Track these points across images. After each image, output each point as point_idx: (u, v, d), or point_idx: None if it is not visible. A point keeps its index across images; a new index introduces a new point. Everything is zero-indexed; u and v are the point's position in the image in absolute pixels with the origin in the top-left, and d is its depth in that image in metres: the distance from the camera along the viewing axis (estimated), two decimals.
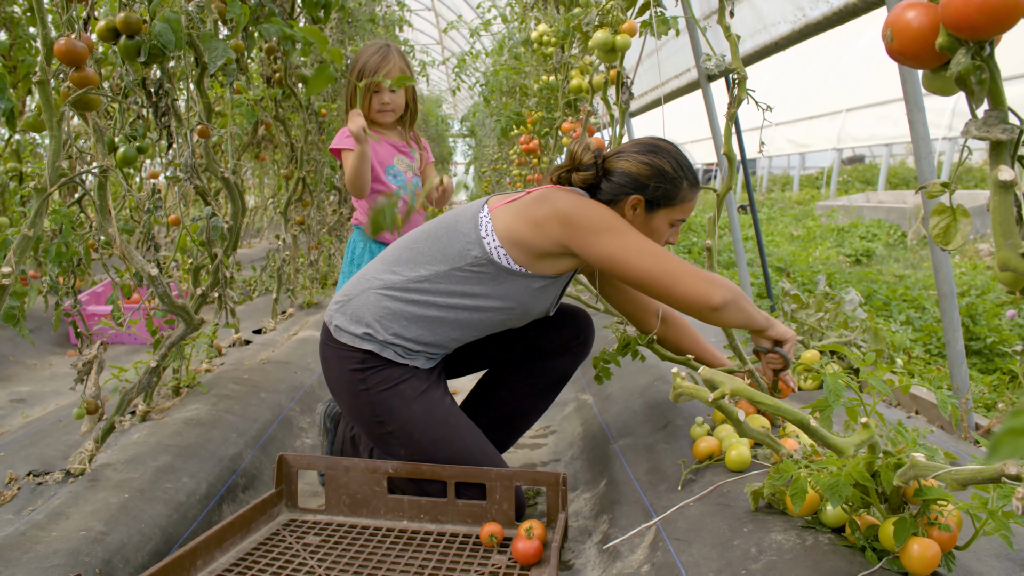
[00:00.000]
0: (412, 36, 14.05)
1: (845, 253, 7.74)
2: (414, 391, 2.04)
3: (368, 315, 2.03)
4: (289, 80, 4.00)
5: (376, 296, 2.04)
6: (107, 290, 5.09)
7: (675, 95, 5.00)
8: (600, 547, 1.94)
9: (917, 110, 2.24)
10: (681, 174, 2.00)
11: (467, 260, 1.99)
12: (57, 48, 1.80)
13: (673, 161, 2.00)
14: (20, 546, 1.72)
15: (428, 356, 2.09)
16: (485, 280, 2.00)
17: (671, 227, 2.07)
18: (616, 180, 2.01)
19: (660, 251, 1.92)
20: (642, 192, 1.99)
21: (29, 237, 1.71)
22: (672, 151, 2.03)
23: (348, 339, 2.03)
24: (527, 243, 1.95)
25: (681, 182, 2.00)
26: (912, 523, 1.35)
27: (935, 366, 3.14)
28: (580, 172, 2.04)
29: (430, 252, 2.04)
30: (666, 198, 2.00)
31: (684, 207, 2.04)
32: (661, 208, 2.01)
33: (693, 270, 1.92)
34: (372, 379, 2.03)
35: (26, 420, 3.12)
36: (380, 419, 2.04)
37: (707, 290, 1.90)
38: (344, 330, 2.04)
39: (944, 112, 10.92)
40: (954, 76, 0.89)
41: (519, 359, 2.39)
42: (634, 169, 1.99)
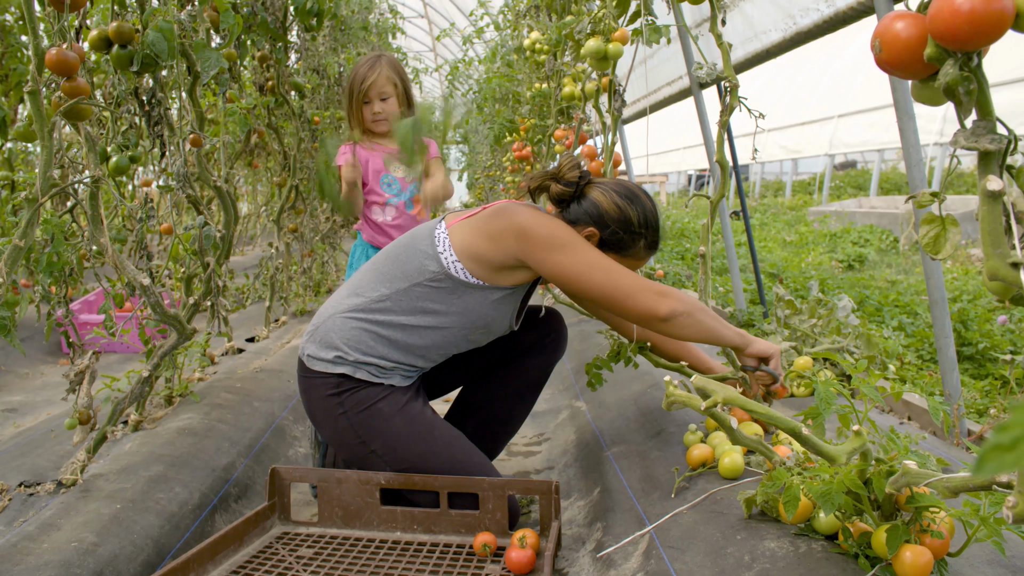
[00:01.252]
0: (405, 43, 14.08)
1: (837, 259, 7.77)
2: (392, 408, 2.04)
3: (336, 338, 2.05)
4: (282, 88, 4.00)
5: (341, 320, 2.06)
6: (99, 299, 5.07)
7: (667, 102, 5.02)
8: (594, 555, 1.94)
9: (907, 118, 2.25)
10: (643, 232, 2.04)
11: (425, 276, 2.01)
12: (48, 58, 1.80)
13: (642, 216, 2.03)
14: (11, 557, 1.71)
15: (403, 374, 2.10)
16: (444, 294, 2.02)
17: None
18: (584, 206, 2.04)
19: (613, 266, 1.94)
20: (600, 229, 2.02)
21: (20, 247, 1.71)
22: (647, 207, 2.05)
23: (321, 365, 2.05)
24: (484, 256, 1.97)
25: (639, 240, 2.04)
26: (905, 530, 1.35)
27: (927, 372, 3.15)
28: (559, 184, 2.06)
29: (390, 271, 2.07)
30: (619, 246, 2.04)
31: (632, 262, 2.08)
32: (610, 252, 2.04)
33: (644, 284, 1.94)
34: (349, 401, 2.03)
35: (17, 430, 3.10)
36: (363, 440, 2.05)
37: (655, 301, 1.92)
38: (316, 357, 2.07)
39: (935, 119, 10.97)
40: (942, 87, 0.90)
41: (494, 364, 2.40)
42: (604, 204, 2.02)
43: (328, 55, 5.54)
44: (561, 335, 2.43)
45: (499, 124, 5.09)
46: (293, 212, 4.95)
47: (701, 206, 14.59)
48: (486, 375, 2.42)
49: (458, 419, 2.42)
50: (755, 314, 3.87)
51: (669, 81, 4.72)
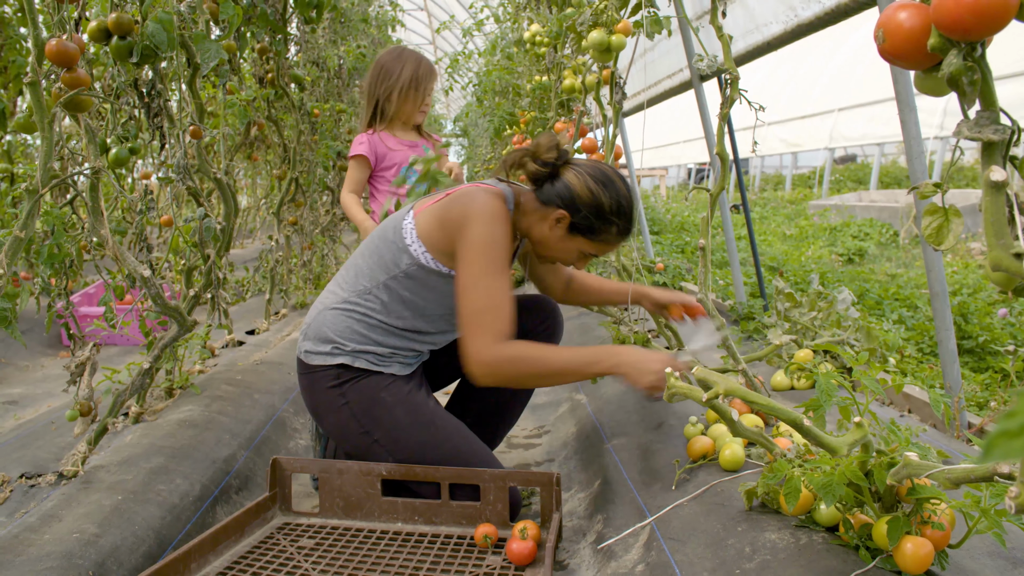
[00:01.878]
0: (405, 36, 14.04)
1: (837, 252, 7.76)
2: (395, 398, 2.05)
3: (329, 331, 2.07)
4: (282, 80, 3.99)
5: (332, 313, 2.09)
6: (99, 291, 5.07)
7: (667, 95, 5.01)
8: (595, 547, 1.94)
9: (909, 110, 2.24)
10: (615, 219, 2.01)
11: (400, 268, 2.03)
12: (48, 49, 1.79)
13: (615, 203, 2.00)
14: (13, 548, 1.71)
15: (402, 361, 2.11)
16: (419, 284, 2.03)
17: (582, 256, 2.10)
18: (557, 188, 2.02)
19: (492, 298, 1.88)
20: (572, 213, 2.00)
21: (21, 239, 1.71)
22: (621, 193, 2.02)
23: (319, 359, 2.07)
24: (437, 244, 1.99)
25: (611, 226, 2.02)
26: (906, 522, 1.35)
27: (927, 365, 3.16)
28: (535, 164, 2.04)
29: (368, 265, 2.09)
30: (589, 231, 2.02)
31: (601, 247, 2.06)
32: (581, 236, 2.03)
33: (497, 330, 1.88)
34: (351, 392, 2.05)
35: (18, 422, 3.10)
36: (365, 429, 2.05)
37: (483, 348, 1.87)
38: (313, 352, 2.09)
39: (935, 112, 10.96)
40: (946, 77, 0.90)
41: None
42: (577, 188, 1.99)
43: (328, 47, 5.53)
44: (557, 322, 2.43)
45: (499, 117, 5.09)
46: (293, 205, 4.94)
47: (701, 199, 14.59)
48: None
49: (458, 411, 2.42)
50: (755, 307, 3.86)
51: (669, 74, 4.71)
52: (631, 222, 2.05)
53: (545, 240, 2.08)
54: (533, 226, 2.09)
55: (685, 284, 5.05)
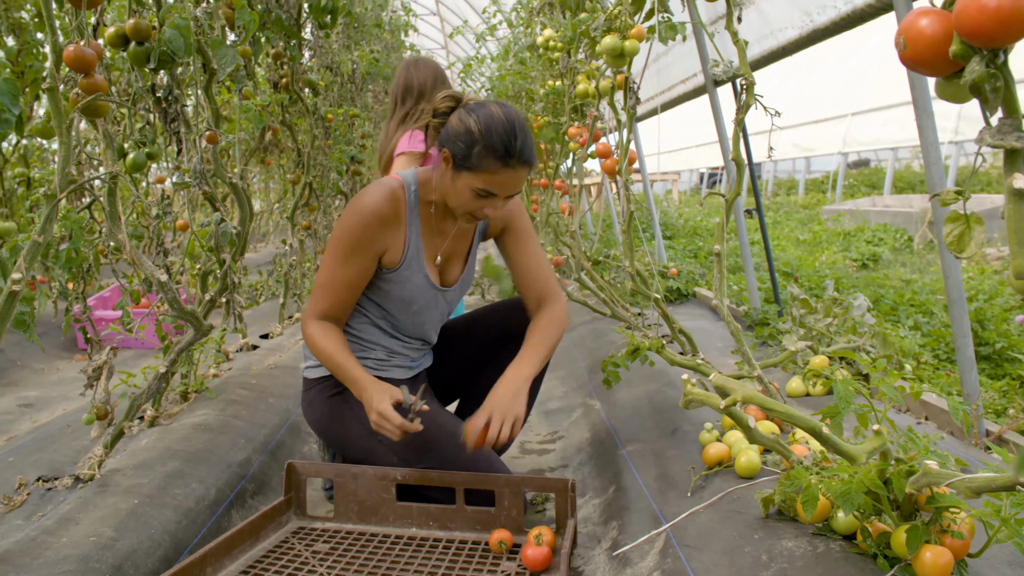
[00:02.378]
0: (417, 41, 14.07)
1: (851, 257, 7.72)
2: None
3: None
4: (296, 85, 4.01)
5: None
6: (114, 295, 5.10)
7: (681, 100, 5.00)
8: (610, 553, 1.93)
9: (926, 116, 2.23)
10: (484, 137, 1.85)
11: None
12: (66, 55, 1.80)
13: (484, 125, 1.86)
14: (31, 552, 1.72)
15: (400, 365, 2.21)
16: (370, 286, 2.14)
17: (477, 197, 1.93)
18: (444, 130, 1.97)
19: (328, 279, 2.06)
20: (449, 147, 1.92)
21: (39, 243, 1.71)
22: (493, 114, 1.88)
23: (319, 372, 2.19)
24: None
25: (478, 146, 1.86)
26: (925, 530, 1.34)
27: (944, 371, 3.13)
28: (434, 119, 2.02)
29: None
30: (464, 160, 1.89)
31: (487, 178, 1.89)
32: (464, 170, 1.91)
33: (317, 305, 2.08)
34: (354, 397, 2.07)
35: (34, 425, 3.12)
36: (370, 431, 2.07)
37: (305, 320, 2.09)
38: (313, 367, 2.21)
39: (950, 116, 10.89)
40: (968, 84, 0.89)
41: (491, 355, 2.42)
42: (452, 121, 1.93)
43: (341, 52, 5.54)
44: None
45: None
46: (307, 209, 4.95)
47: (713, 204, 14.55)
48: (486, 368, 2.42)
49: (466, 414, 2.42)
50: (770, 312, 3.85)
51: (683, 79, 4.70)
52: (508, 145, 1.86)
53: (442, 187, 2.03)
54: (438, 184, 2.06)
55: (699, 289, 5.04)
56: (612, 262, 4.07)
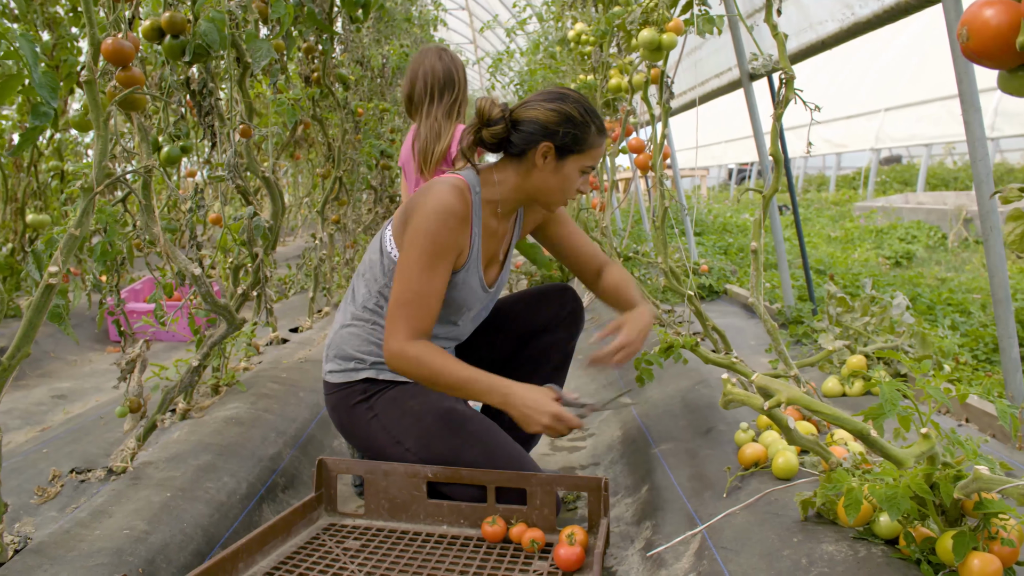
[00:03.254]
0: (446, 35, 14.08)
1: (884, 255, 7.61)
2: (423, 405, 2.08)
3: (348, 348, 2.14)
4: (327, 79, 4.01)
5: (346, 331, 2.16)
6: (146, 287, 5.14)
7: (714, 95, 4.94)
8: (643, 554, 1.91)
9: (973, 111, 2.17)
10: (588, 119, 2.00)
11: (388, 275, 2.10)
12: (104, 48, 1.80)
13: (580, 107, 2.00)
14: (65, 544, 1.73)
15: None
16: None
17: (581, 174, 2.07)
18: (525, 129, 2.00)
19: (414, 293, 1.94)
20: (552, 139, 1.98)
21: (76, 236, 1.72)
22: (578, 98, 2.03)
23: (342, 377, 2.13)
24: (400, 235, 2.04)
25: (589, 127, 2.00)
26: (972, 537, 1.31)
27: (984, 372, 3.07)
28: (490, 128, 2.02)
29: (365, 279, 2.17)
30: (576, 143, 2.00)
31: (593, 153, 2.04)
32: (571, 155, 2.01)
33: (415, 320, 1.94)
34: (379, 404, 2.08)
35: (67, 416, 3.15)
36: (396, 439, 2.07)
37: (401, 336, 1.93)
38: (337, 371, 2.15)
39: (987, 112, 10.70)
40: None
41: (513, 352, 2.41)
42: (542, 117, 1.99)
43: (372, 47, 5.55)
44: (576, 310, 2.40)
45: None
46: (336, 203, 4.96)
47: (743, 201, 14.42)
48: (511, 363, 2.40)
49: (492, 412, 2.40)
50: (804, 310, 3.79)
51: (717, 73, 4.64)
52: (600, 119, 2.06)
53: (544, 183, 2.05)
54: (524, 183, 2.07)
55: (730, 286, 4.98)
56: (642, 258, 4.03)
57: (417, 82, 3.08)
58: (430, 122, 3.04)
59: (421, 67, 3.08)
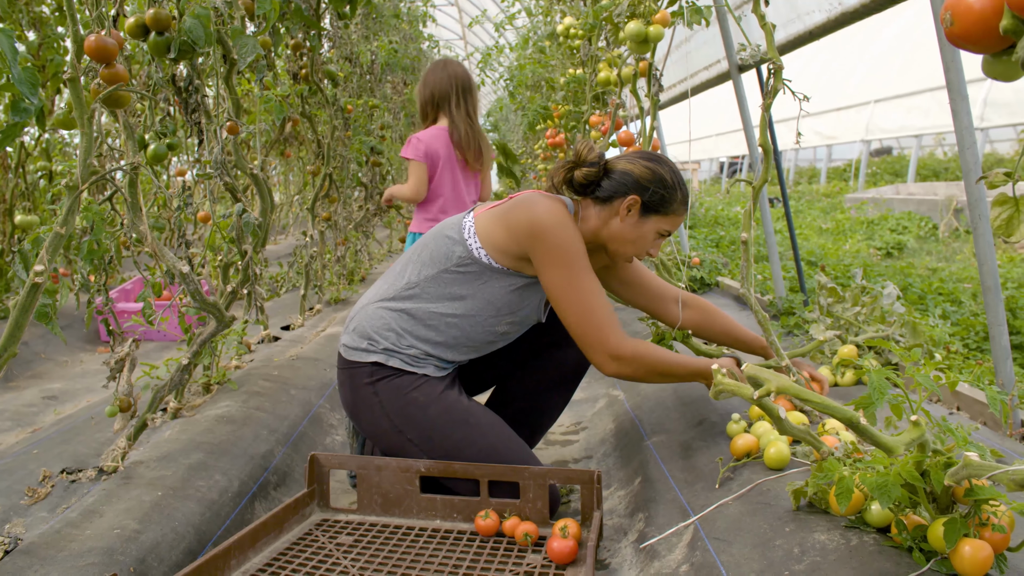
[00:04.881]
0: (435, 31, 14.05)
1: (875, 246, 7.64)
2: (428, 397, 2.05)
3: (368, 328, 2.10)
4: (315, 76, 3.99)
5: (373, 309, 2.12)
6: (137, 287, 5.12)
7: (704, 87, 4.94)
8: (636, 546, 1.91)
9: (961, 99, 2.18)
10: (677, 186, 2.06)
11: (452, 261, 2.05)
12: (87, 45, 1.79)
13: (672, 174, 2.06)
14: (55, 544, 1.72)
15: (437, 366, 2.11)
16: (470, 279, 2.05)
17: (658, 237, 2.11)
18: (617, 179, 2.05)
19: (597, 300, 1.98)
20: (641, 194, 2.03)
21: (61, 235, 1.71)
22: (672, 165, 2.09)
23: (356, 355, 2.09)
24: (502, 246, 2.01)
25: (676, 193, 2.06)
26: (963, 524, 1.31)
27: (974, 361, 3.08)
28: (583, 168, 2.06)
29: (419, 259, 2.12)
30: (662, 204, 2.05)
31: (674, 219, 2.09)
32: (654, 215, 2.06)
33: (614, 324, 1.99)
34: (384, 391, 2.05)
35: (58, 417, 3.14)
36: (399, 429, 2.06)
37: (618, 342, 1.98)
38: (350, 347, 2.12)
39: (976, 102, 10.75)
40: (1021, 60, 0.85)
41: (529, 356, 2.39)
42: (636, 171, 2.04)
43: (360, 43, 5.53)
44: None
45: (533, 111, 5.04)
46: (327, 201, 4.95)
47: (735, 194, 14.44)
48: (523, 366, 2.39)
49: (497, 409, 2.40)
50: (795, 302, 3.80)
51: (706, 65, 4.64)
52: (687, 190, 2.11)
53: (621, 234, 2.07)
54: (602, 229, 2.09)
55: (722, 279, 4.99)
56: None
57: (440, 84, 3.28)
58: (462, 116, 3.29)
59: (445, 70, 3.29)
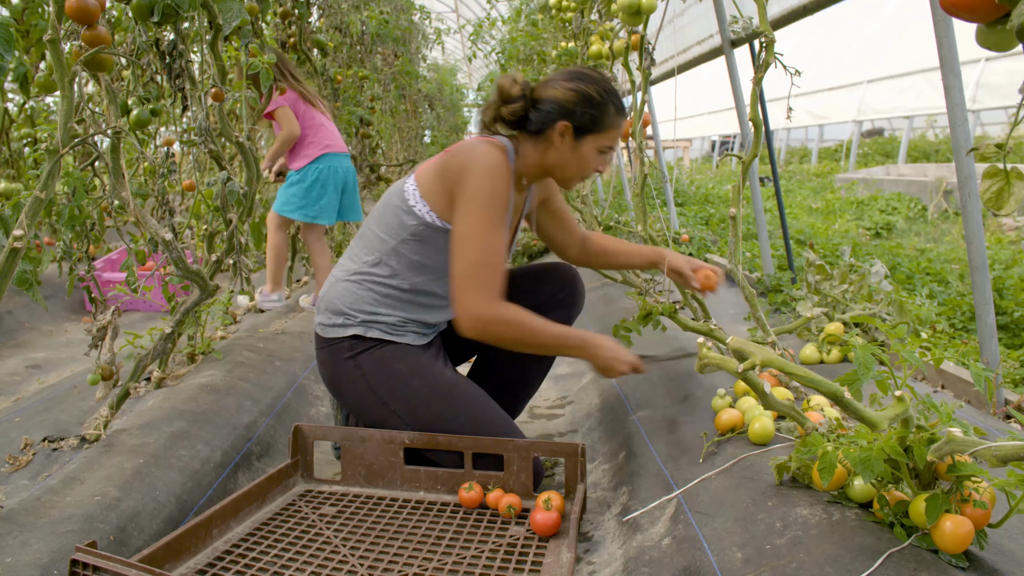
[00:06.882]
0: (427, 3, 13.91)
1: (865, 226, 7.65)
2: (410, 368, 2.04)
3: (340, 303, 2.08)
4: (304, 45, 3.95)
5: (344, 284, 2.10)
6: (122, 257, 5.08)
7: (696, 62, 4.90)
8: (620, 519, 1.91)
9: (953, 76, 2.16)
10: (607, 99, 2.01)
11: (407, 231, 2.03)
12: (68, 5, 1.76)
13: (599, 87, 2.01)
14: (35, 511, 1.71)
15: (416, 332, 2.11)
16: (427, 246, 2.03)
17: (600, 154, 2.08)
18: (544, 108, 2.02)
19: (490, 254, 1.90)
20: (569, 118, 1.99)
21: (41, 200, 1.68)
22: (598, 78, 2.04)
23: (333, 332, 2.08)
24: (439, 199, 1.98)
25: (607, 107, 2.01)
26: (945, 499, 1.31)
27: (960, 340, 3.09)
28: (510, 105, 2.04)
29: (376, 233, 2.09)
30: (593, 123, 2.01)
31: (611, 134, 2.05)
32: (589, 134, 2.02)
33: (494, 286, 1.91)
34: (366, 362, 2.04)
35: (41, 386, 3.11)
36: (383, 400, 2.05)
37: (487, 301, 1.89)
38: (326, 325, 2.10)
39: (968, 85, 10.73)
40: (1016, 28, 0.84)
41: None
42: (561, 96, 2.00)
43: (351, 12, 5.46)
44: (576, 290, 2.38)
45: None
46: None
47: (725, 172, 14.42)
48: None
49: (479, 381, 2.39)
50: (783, 279, 3.80)
51: (699, 40, 4.61)
52: (620, 98, 2.06)
53: (561, 161, 2.06)
54: (543, 160, 2.08)
55: (710, 256, 4.98)
56: (623, 227, 4.02)
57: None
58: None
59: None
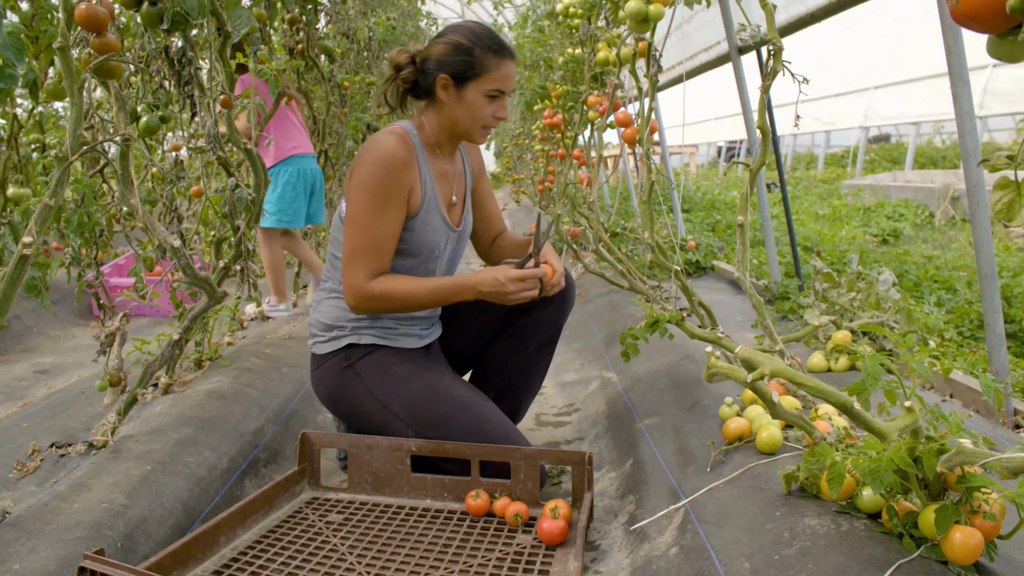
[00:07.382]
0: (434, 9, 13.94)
1: (872, 233, 7.63)
2: (409, 371, 2.08)
3: (325, 319, 2.17)
4: (312, 52, 3.95)
5: (327, 303, 2.19)
6: (130, 262, 5.09)
7: (703, 68, 4.90)
8: (627, 528, 1.90)
9: (962, 84, 2.16)
10: (475, 43, 2.02)
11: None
12: (78, 13, 1.76)
13: (467, 34, 2.04)
14: (43, 517, 1.71)
15: (407, 334, 2.17)
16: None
17: (491, 100, 2.08)
18: (427, 69, 2.07)
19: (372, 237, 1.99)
20: (445, 69, 2.03)
21: (50, 207, 1.68)
22: (469, 25, 2.08)
23: (327, 347, 2.15)
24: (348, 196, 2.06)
25: (476, 50, 2.02)
26: (955, 510, 1.30)
27: (968, 349, 3.07)
28: (400, 72, 2.10)
29: (334, 249, 2.18)
30: (468, 70, 2.03)
31: (492, 76, 2.05)
32: (469, 81, 2.04)
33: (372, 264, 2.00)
34: (363, 368, 2.08)
35: (49, 391, 3.12)
36: (383, 403, 2.07)
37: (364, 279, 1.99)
38: (320, 341, 2.17)
39: (976, 91, 10.71)
40: None
41: (505, 324, 2.38)
42: (435, 52, 2.05)
43: (358, 19, 5.47)
44: (566, 289, 2.37)
45: (530, 91, 5.00)
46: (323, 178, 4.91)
47: (732, 178, 14.41)
48: (499, 337, 2.38)
49: (479, 385, 2.40)
50: (790, 287, 3.79)
51: (706, 47, 4.60)
52: (495, 39, 2.06)
53: (453, 116, 2.10)
54: (441, 121, 2.12)
55: (717, 263, 4.98)
56: (630, 234, 4.02)
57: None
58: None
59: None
